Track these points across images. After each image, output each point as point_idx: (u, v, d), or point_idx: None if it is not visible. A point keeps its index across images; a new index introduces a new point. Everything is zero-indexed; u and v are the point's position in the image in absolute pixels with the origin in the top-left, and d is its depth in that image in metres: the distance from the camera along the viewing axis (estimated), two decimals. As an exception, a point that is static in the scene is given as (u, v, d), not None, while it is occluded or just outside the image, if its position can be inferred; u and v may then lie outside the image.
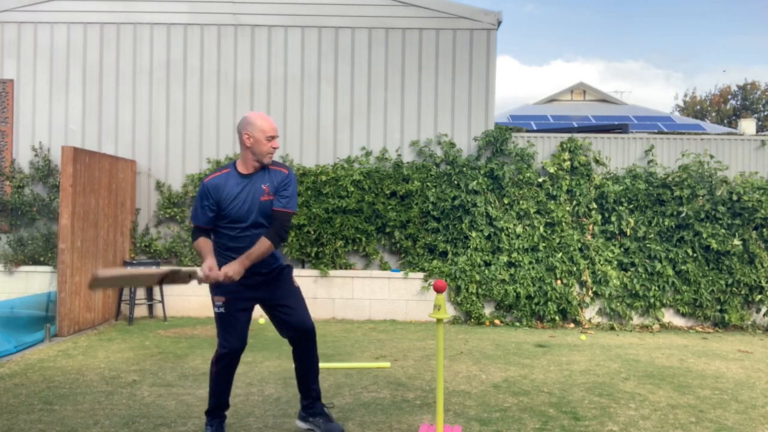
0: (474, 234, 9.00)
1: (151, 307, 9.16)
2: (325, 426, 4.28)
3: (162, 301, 8.86)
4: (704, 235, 8.88)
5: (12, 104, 9.50)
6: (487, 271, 8.95)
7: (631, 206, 9.07)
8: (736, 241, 8.91)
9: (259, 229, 4.05)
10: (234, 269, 3.89)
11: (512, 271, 8.98)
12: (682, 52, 64.78)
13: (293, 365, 4.36)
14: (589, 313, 9.12)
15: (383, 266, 9.29)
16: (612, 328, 8.90)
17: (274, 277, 4.20)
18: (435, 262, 9.06)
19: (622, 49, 66.71)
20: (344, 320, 9.09)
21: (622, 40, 67.10)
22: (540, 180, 9.15)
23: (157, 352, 6.84)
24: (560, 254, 8.99)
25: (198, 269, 3.91)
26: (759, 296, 8.96)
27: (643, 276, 9.00)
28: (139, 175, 9.46)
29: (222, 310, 4.09)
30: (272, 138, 4.06)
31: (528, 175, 9.12)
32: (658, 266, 8.92)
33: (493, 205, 9.12)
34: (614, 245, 9.07)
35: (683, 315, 9.10)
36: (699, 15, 63.69)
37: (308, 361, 4.29)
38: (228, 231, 4.07)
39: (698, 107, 38.15)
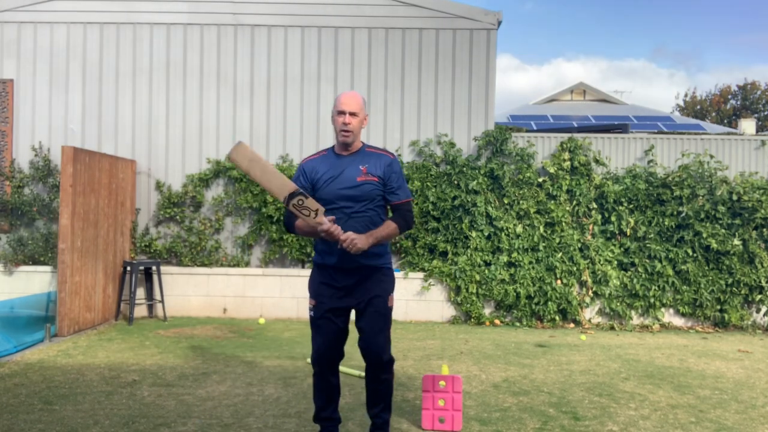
0: (474, 234, 9.00)
1: (151, 307, 9.16)
2: None
3: (162, 301, 8.85)
4: (704, 235, 8.88)
5: (12, 104, 9.50)
6: (487, 271, 8.95)
7: (631, 206, 9.07)
8: (736, 241, 8.91)
9: (361, 213, 3.82)
10: (361, 239, 3.63)
11: (512, 271, 8.98)
12: (685, 50, 64.80)
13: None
14: (589, 313, 9.12)
15: (383, 266, 9.27)
16: (612, 328, 8.90)
17: (370, 285, 3.89)
18: (435, 262, 9.06)
19: (624, 48, 66.76)
20: (344, 320, 9.08)
21: (624, 39, 67.13)
22: (540, 180, 9.15)
23: (157, 352, 6.84)
24: (560, 254, 8.99)
25: (324, 217, 3.60)
26: (759, 296, 8.96)
27: (643, 276, 9.00)
28: (139, 175, 9.46)
29: (312, 313, 3.95)
30: (340, 113, 3.81)
31: (528, 175, 9.12)
32: (658, 266, 8.92)
33: (493, 205, 9.12)
34: (614, 245, 9.07)
35: (683, 315, 9.10)
36: (702, 13, 63.72)
37: (374, 386, 4.05)
38: (326, 215, 3.82)
39: (698, 107, 38.15)
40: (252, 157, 3.60)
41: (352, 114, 3.83)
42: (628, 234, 9.11)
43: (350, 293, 3.90)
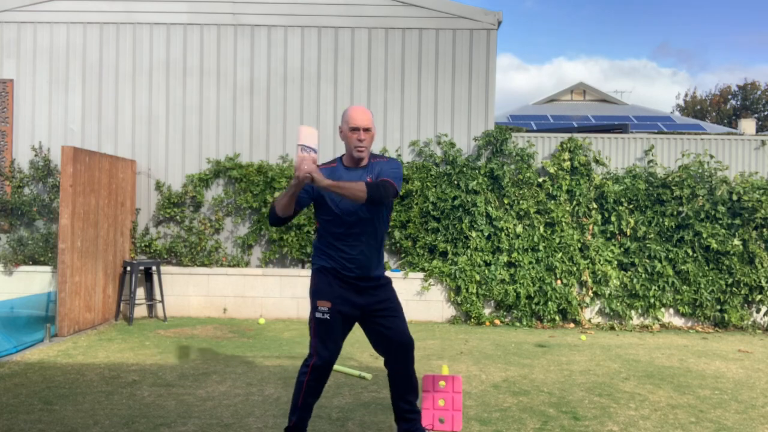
0: (474, 234, 9.00)
1: (151, 307, 9.16)
2: None
3: (162, 301, 8.85)
4: (704, 235, 8.88)
5: (12, 104, 9.50)
6: (487, 271, 8.95)
7: (631, 206, 9.07)
8: (736, 241, 8.91)
9: (367, 226, 3.84)
10: (320, 176, 3.52)
11: (512, 271, 8.98)
12: (687, 49, 64.81)
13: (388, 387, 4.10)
14: (589, 313, 9.12)
15: (383, 266, 9.28)
16: (612, 328, 8.90)
17: (380, 285, 3.99)
18: (435, 262, 9.06)
19: (626, 47, 66.78)
20: (344, 320, 9.08)
21: (626, 38, 67.13)
22: (540, 180, 9.15)
23: (157, 352, 6.84)
24: (560, 254, 8.99)
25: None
26: (759, 296, 8.96)
27: (643, 276, 9.00)
28: (139, 175, 9.46)
29: (327, 316, 3.82)
30: (354, 129, 3.80)
31: (528, 175, 9.12)
32: (658, 266, 8.92)
33: (493, 205, 9.12)
34: (614, 245, 9.07)
35: (683, 315, 9.10)
36: (705, 12, 63.71)
37: (404, 378, 4.00)
38: (335, 228, 3.84)
39: (698, 107, 38.16)
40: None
41: (366, 130, 3.83)
42: (628, 234, 9.10)
43: (362, 294, 3.93)
